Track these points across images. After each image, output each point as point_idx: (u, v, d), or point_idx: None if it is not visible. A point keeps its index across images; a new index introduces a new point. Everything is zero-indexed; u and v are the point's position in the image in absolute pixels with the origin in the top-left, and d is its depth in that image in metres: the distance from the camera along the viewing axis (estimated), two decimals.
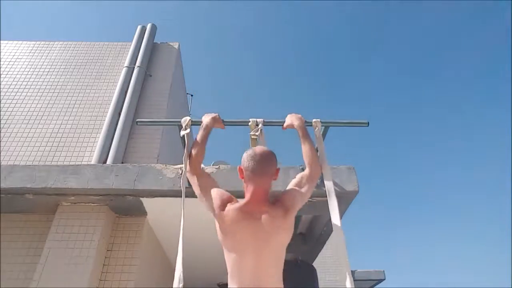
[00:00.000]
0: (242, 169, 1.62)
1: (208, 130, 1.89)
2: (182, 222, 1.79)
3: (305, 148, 1.84)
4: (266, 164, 1.60)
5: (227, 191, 1.69)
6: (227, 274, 1.50)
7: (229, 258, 1.51)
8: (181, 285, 1.57)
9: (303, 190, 1.68)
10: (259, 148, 1.67)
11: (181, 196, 1.89)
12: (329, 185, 1.93)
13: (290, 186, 1.72)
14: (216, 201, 1.60)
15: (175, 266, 1.63)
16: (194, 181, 1.74)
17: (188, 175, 1.78)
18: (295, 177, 1.77)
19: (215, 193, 1.65)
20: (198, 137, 1.86)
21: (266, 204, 1.55)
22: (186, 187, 1.93)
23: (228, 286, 1.49)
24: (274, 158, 1.65)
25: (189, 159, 1.80)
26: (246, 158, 1.62)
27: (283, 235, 1.54)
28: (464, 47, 28.93)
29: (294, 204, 1.60)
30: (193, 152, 1.80)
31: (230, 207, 1.55)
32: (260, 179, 1.57)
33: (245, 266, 1.46)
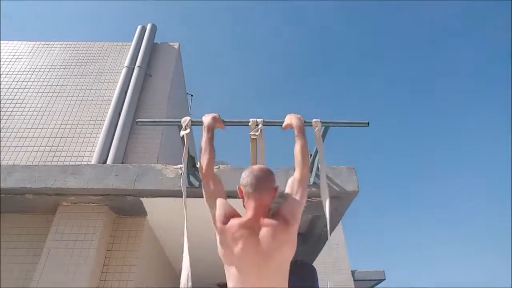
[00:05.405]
0: (241, 188, 1.61)
1: (210, 130, 1.85)
2: (186, 222, 1.79)
3: (297, 147, 1.78)
4: (264, 179, 1.59)
5: (227, 191, 1.70)
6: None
7: (229, 274, 1.47)
8: (189, 284, 1.55)
9: (297, 197, 1.62)
10: (257, 166, 1.69)
11: (181, 196, 1.89)
12: (323, 185, 2.00)
13: (286, 191, 1.67)
14: (219, 212, 1.56)
15: (176, 265, 1.62)
16: (204, 183, 1.70)
17: (201, 176, 1.73)
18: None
19: (220, 204, 1.60)
20: (204, 139, 1.81)
21: (266, 218, 1.51)
22: (186, 187, 1.92)
23: None
24: (272, 174, 1.64)
25: (201, 162, 1.74)
26: (244, 176, 1.61)
27: (285, 250, 1.47)
28: (464, 47, 28.92)
29: (295, 215, 1.55)
30: (203, 154, 1.74)
31: (232, 222, 1.51)
32: (260, 195, 1.55)
33: (247, 283, 1.40)
